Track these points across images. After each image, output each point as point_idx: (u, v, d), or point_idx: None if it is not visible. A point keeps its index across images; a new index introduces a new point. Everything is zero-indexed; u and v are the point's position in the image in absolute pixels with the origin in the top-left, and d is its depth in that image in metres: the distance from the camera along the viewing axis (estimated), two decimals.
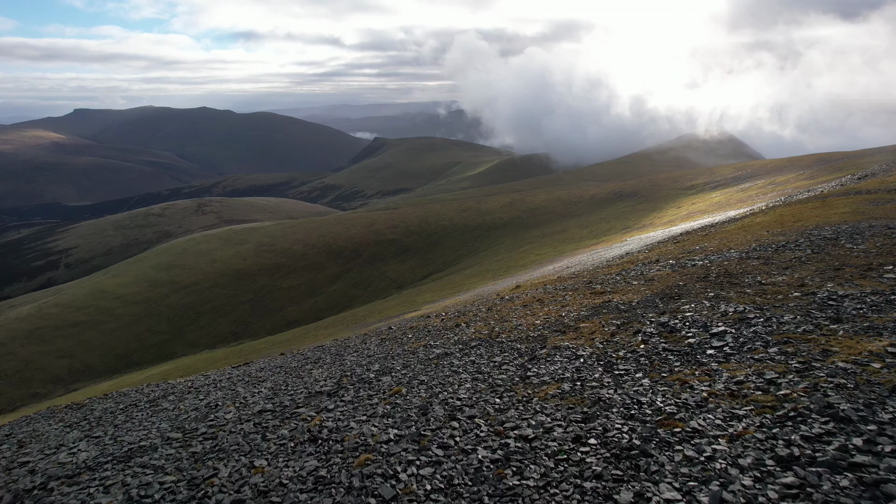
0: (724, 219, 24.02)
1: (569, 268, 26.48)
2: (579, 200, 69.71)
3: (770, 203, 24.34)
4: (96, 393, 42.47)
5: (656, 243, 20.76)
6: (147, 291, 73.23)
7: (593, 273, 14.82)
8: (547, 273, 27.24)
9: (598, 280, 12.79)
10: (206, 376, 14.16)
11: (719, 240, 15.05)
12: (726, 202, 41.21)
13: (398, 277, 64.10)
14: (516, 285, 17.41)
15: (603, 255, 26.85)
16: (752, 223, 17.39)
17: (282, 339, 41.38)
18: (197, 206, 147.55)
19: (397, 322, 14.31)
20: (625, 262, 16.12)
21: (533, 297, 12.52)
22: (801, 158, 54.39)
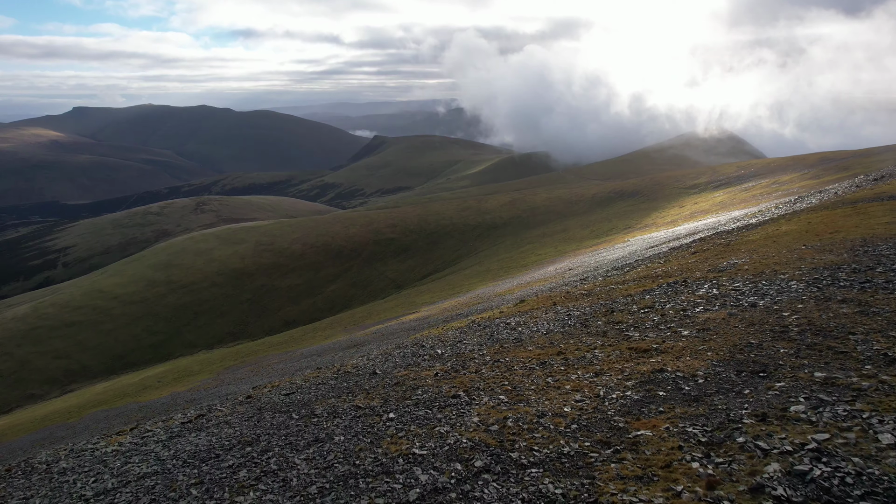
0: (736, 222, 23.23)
1: (571, 270, 25.94)
2: (580, 199, 69.12)
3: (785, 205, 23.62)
4: (92, 394, 41.95)
5: (669, 250, 18.89)
6: (144, 291, 72.64)
7: (611, 295, 12.28)
8: (549, 275, 26.71)
9: (625, 311, 10.26)
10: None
11: (751, 255, 13.01)
12: (730, 202, 40.65)
13: (397, 277, 63.54)
14: (521, 300, 15.49)
15: (606, 257, 26.32)
16: (778, 232, 15.67)
17: (279, 340, 40.86)
18: (196, 205, 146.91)
19: (379, 355, 11.39)
20: (643, 277, 13.94)
21: (548, 335, 9.76)
22: (805, 157, 53.81)
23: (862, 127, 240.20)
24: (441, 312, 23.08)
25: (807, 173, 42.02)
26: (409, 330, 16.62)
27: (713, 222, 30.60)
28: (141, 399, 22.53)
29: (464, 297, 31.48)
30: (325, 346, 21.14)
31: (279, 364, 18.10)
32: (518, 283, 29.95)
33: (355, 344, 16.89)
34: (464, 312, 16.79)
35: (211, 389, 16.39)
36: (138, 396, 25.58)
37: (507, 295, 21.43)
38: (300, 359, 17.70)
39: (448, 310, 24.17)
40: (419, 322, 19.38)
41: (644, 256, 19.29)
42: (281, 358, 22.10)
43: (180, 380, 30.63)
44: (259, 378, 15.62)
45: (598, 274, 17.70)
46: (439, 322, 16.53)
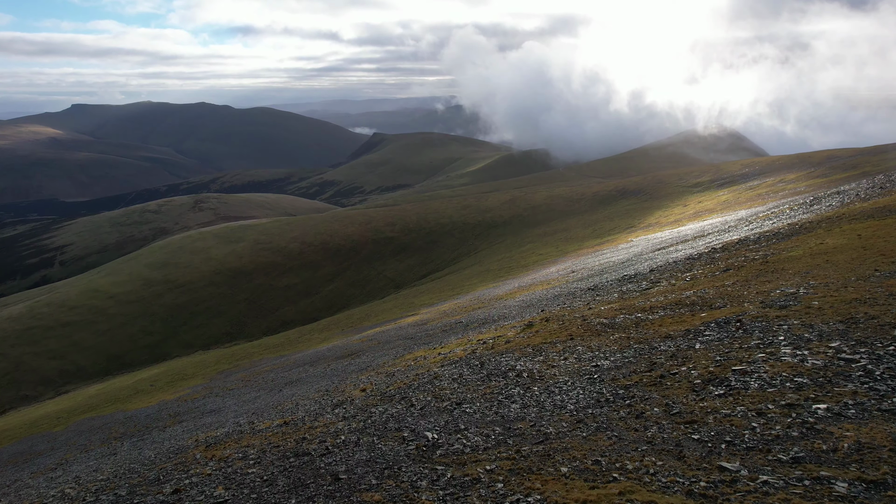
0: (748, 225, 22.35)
1: (574, 272, 25.15)
2: (581, 198, 68.29)
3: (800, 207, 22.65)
4: (85, 396, 41.20)
5: (686, 259, 16.99)
6: (141, 290, 71.88)
7: (642, 332, 9.60)
8: (551, 277, 25.91)
9: (680, 380, 7.33)
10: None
11: (806, 280, 10.35)
12: (735, 201, 39.88)
13: (396, 277, 62.77)
14: (528, 324, 12.85)
15: (611, 259, 25.52)
16: (826, 248, 12.83)
17: (275, 342, 40.10)
18: (194, 203, 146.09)
19: (343, 428, 8.18)
20: (674, 304, 11.00)
21: (583, 426, 6.73)
22: (811, 155, 52.98)
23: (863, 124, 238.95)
24: (440, 317, 22.31)
25: (813, 171, 41.22)
26: (405, 339, 15.80)
27: (720, 222, 29.83)
28: (129, 406, 21.78)
29: (463, 298, 30.73)
30: (320, 352, 20.39)
31: (270, 373, 17.31)
32: (519, 284, 29.20)
33: (350, 353, 16.09)
34: (463, 321, 15.94)
35: (198, 401, 15.60)
36: (127, 403, 24.84)
37: (508, 300, 20.64)
38: (293, 367, 16.91)
39: (447, 313, 23.41)
40: (416, 329, 18.58)
41: (657, 264, 17.40)
42: (274, 364, 21.34)
43: (173, 384, 29.89)
44: (248, 390, 14.81)
45: (609, 284, 15.97)
46: (436, 332, 15.69)
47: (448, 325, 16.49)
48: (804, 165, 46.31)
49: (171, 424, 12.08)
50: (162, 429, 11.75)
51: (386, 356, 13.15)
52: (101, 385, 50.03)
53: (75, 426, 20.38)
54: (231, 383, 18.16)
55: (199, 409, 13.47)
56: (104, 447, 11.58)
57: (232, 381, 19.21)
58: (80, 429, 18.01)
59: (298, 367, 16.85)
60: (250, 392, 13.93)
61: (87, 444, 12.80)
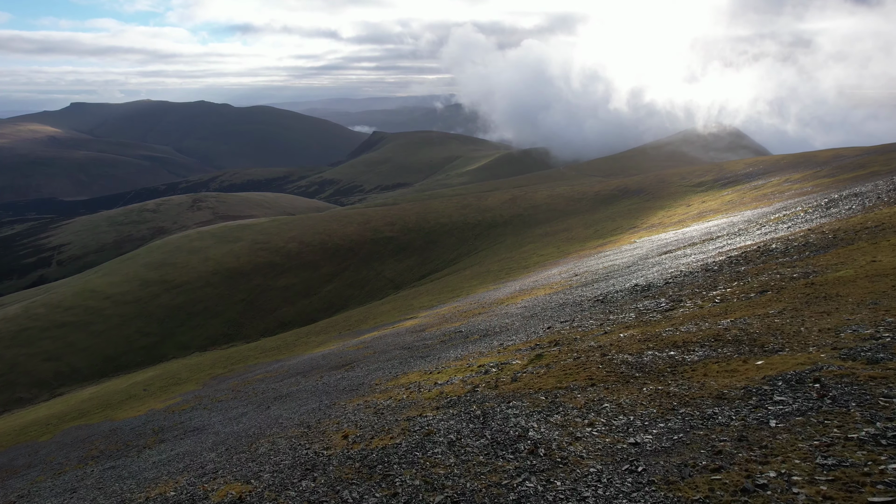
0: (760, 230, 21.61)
1: (577, 276, 24.45)
2: (583, 197, 67.57)
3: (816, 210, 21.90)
4: (78, 400, 40.54)
5: (702, 269, 15.37)
6: (137, 291, 71.20)
7: (683, 383, 7.57)
8: (553, 280, 25.21)
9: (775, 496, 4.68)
10: None
11: (878, 316, 8.21)
12: (739, 201, 39.18)
13: (395, 277, 62.07)
14: (537, 354, 10.74)
15: (615, 262, 24.82)
16: (882, 268, 10.63)
17: (272, 345, 39.42)
18: (192, 202, 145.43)
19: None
20: (711, 338, 9.05)
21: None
22: (815, 154, 52.27)
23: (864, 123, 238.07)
24: (438, 322, 21.64)
25: (819, 171, 40.51)
26: (402, 349, 15.09)
27: (726, 223, 29.14)
28: (118, 415, 21.12)
29: (463, 301, 30.07)
30: (315, 359, 19.74)
31: (262, 383, 16.63)
32: (520, 287, 28.53)
33: (344, 363, 15.40)
34: (462, 329, 15.24)
35: (185, 414, 14.92)
36: (118, 410, 24.20)
37: (509, 305, 19.95)
38: (285, 377, 16.23)
39: (446, 318, 22.76)
40: (414, 337, 17.87)
41: (671, 274, 15.84)
42: (267, 371, 20.66)
43: (166, 389, 29.25)
44: (236, 403, 14.11)
45: (621, 296, 14.50)
46: (434, 343, 14.98)
47: (447, 333, 15.81)
48: (809, 165, 45.59)
49: (150, 444, 11.41)
50: (140, 450, 11.08)
51: (380, 371, 12.45)
52: (95, 388, 49.37)
53: (61, 436, 19.73)
54: (221, 392, 17.48)
55: (183, 425, 12.79)
56: (78, 469, 10.95)
57: (223, 390, 18.54)
58: (65, 440, 17.35)
59: (291, 376, 16.17)
60: (238, 406, 13.25)
61: (63, 464, 12.15)
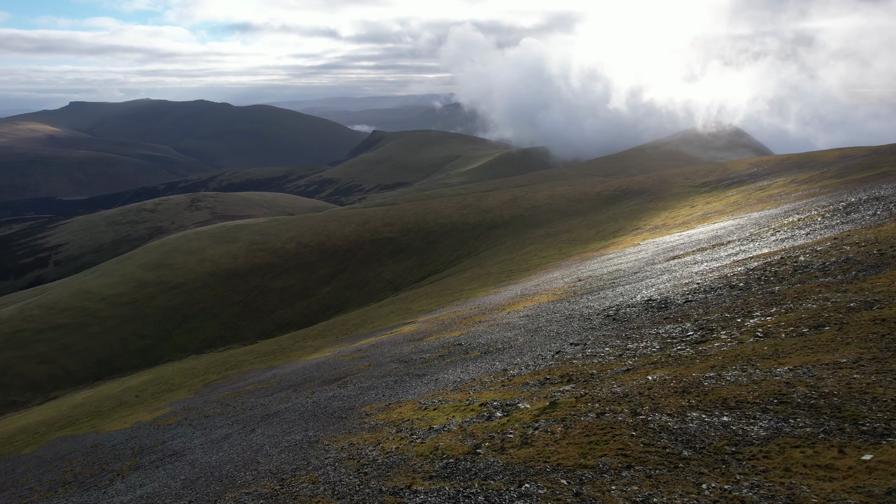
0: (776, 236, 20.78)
1: (580, 280, 23.66)
2: (584, 198, 66.74)
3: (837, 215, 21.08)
4: (70, 406, 39.78)
5: (724, 286, 13.16)
6: (134, 292, 70.43)
7: (739, 478, 5.52)
8: (556, 286, 24.41)
9: None
10: None
11: None
12: (745, 202, 38.37)
13: (394, 278, 61.27)
14: (551, 402, 8.54)
15: (619, 266, 24.01)
16: None
17: (267, 349, 38.65)
18: (190, 202, 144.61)
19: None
20: (772, 394, 6.89)
21: None
22: (821, 154, 51.44)
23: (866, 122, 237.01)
24: (437, 330, 20.86)
25: (826, 171, 39.68)
26: (398, 361, 14.28)
27: (733, 225, 28.34)
28: (104, 426, 20.33)
29: (463, 306, 29.28)
30: (309, 368, 18.96)
31: (252, 396, 15.83)
32: (522, 291, 27.74)
33: (337, 376, 14.61)
34: (462, 342, 14.42)
35: (170, 431, 14.13)
36: (106, 420, 23.43)
37: (510, 312, 19.16)
38: (275, 391, 15.45)
39: (445, 325, 21.99)
40: (411, 348, 17.07)
41: (688, 288, 13.78)
42: (260, 381, 19.86)
43: (158, 396, 28.50)
44: (222, 422, 13.31)
45: (635, 313, 12.64)
46: (432, 358, 14.17)
47: (445, 345, 15.03)
48: (815, 165, 44.78)
49: (125, 471, 10.63)
50: (112, 478, 10.29)
51: (373, 391, 11.66)
52: (89, 392, 48.62)
53: (45, 448, 18.98)
54: (210, 405, 16.70)
55: (164, 447, 12.00)
56: (44, 500, 10.18)
57: (213, 401, 17.77)
58: (46, 455, 16.59)
59: (282, 390, 15.38)
60: (223, 426, 12.46)
61: (33, 490, 11.37)
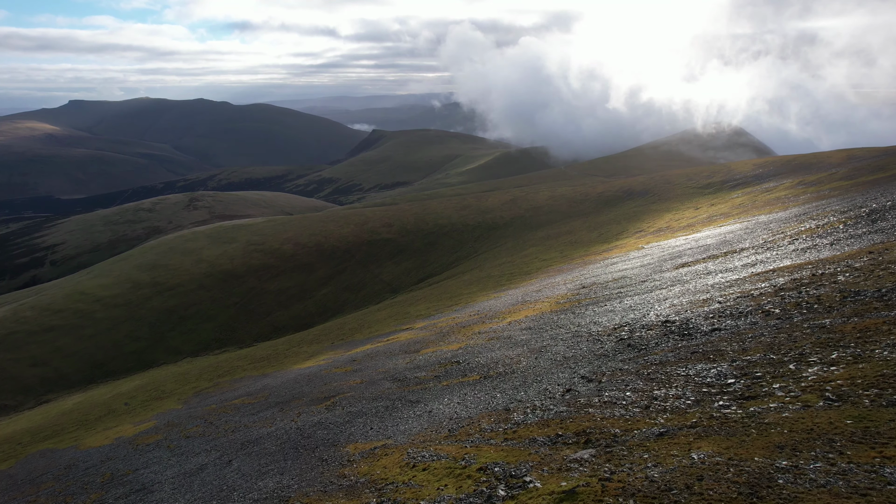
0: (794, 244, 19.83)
1: (585, 287, 22.72)
2: (585, 198, 65.79)
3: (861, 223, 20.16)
4: (59, 412, 38.89)
5: (755, 308, 11.34)
6: (129, 294, 69.47)
7: None
8: (559, 293, 23.49)
9: None
10: None
11: None
12: (751, 204, 37.44)
13: (392, 280, 60.34)
14: (568, 490, 5.97)
15: (625, 272, 23.09)
16: None
17: (262, 353, 37.71)
18: (188, 201, 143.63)
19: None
20: None
21: None
22: (829, 155, 50.51)
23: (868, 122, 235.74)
24: (435, 340, 19.94)
25: (834, 173, 38.76)
26: (391, 380, 13.35)
27: (740, 229, 27.42)
28: (87, 439, 19.43)
29: (461, 312, 28.38)
30: (300, 382, 18.05)
31: (237, 413, 14.92)
32: (523, 297, 26.83)
33: (326, 395, 13.69)
34: (460, 360, 13.45)
35: (146, 454, 13.21)
36: (90, 431, 22.53)
37: (511, 323, 18.23)
38: (262, 409, 14.53)
39: (443, 335, 21.08)
40: (406, 362, 16.14)
41: (713, 309, 11.90)
42: (248, 393, 18.94)
43: (147, 404, 27.65)
44: (201, 446, 12.38)
45: (653, 340, 10.56)
46: (427, 378, 13.24)
47: (442, 361, 14.11)
48: (823, 166, 43.86)
49: None
50: None
51: (360, 420, 10.72)
52: (81, 396, 47.72)
53: (21, 465, 18.08)
54: (194, 422, 15.80)
55: (134, 480, 11.06)
56: None
57: (197, 417, 16.86)
58: (19, 474, 15.70)
59: (268, 408, 14.46)
60: (201, 453, 11.55)
61: None
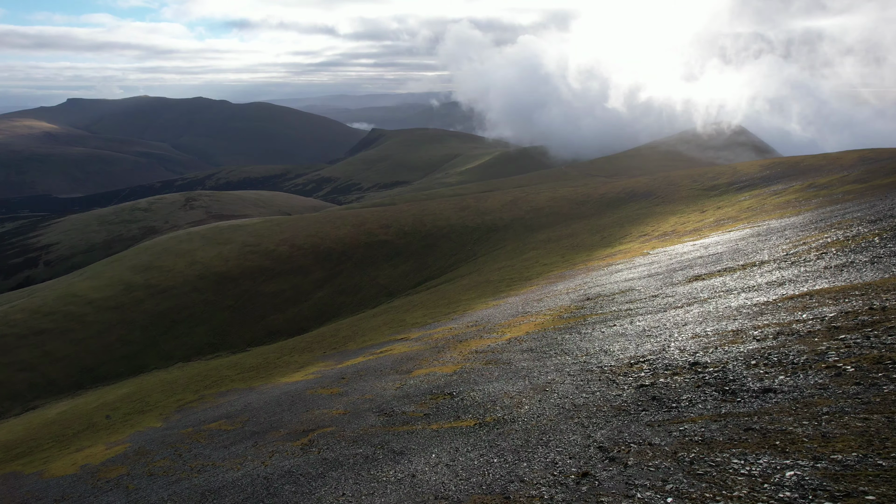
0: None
1: (590, 300, 21.36)
2: (587, 200, 64.41)
3: None
4: (42, 422, 37.53)
5: (792, 340, 10.05)
6: (121, 296, 68.13)
7: None
8: (562, 303, 22.11)
9: None
10: None
11: None
12: (760, 208, 36.06)
13: (389, 284, 58.98)
14: None
15: (633, 282, 21.71)
16: None
17: (253, 362, 36.31)
18: (185, 201, 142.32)
19: None
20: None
21: None
22: (839, 156, 49.12)
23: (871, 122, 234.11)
24: (429, 357, 18.58)
25: (847, 175, 37.37)
26: (377, 413, 11.97)
27: (752, 235, 26.05)
28: (54, 464, 18.06)
29: (459, 322, 27.00)
30: (283, 405, 16.71)
31: (207, 447, 13.54)
32: (523, 306, 25.45)
33: (306, 429, 12.33)
34: (454, 393, 12.03)
35: (105, 493, 11.88)
36: (63, 451, 21.14)
37: (510, 341, 16.87)
38: (235, 442, 13.16)
39: (438, 348, 19.72)
40: (397, 384, 14.79)
41: (752, 351, 10.67)
42: (227, 417, 17.59)
43: (128, 420, 26.27)
44: (162, 489, 11.05)
45: (688, 402, 8.39)
46: (417, 417, 11.87)
47: (434, 390, 12.76)
48: (834, 168, 42.50)
49: None
50: None
51: (333, 476, 9.31)
52: (67, 403, 46.36)
53: None
54: (163, 453, 14.46)
55: None
56: None
57: (170, 444, 15.52)
58: None
59: (244, 440, 13.11)
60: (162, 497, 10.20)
61: None
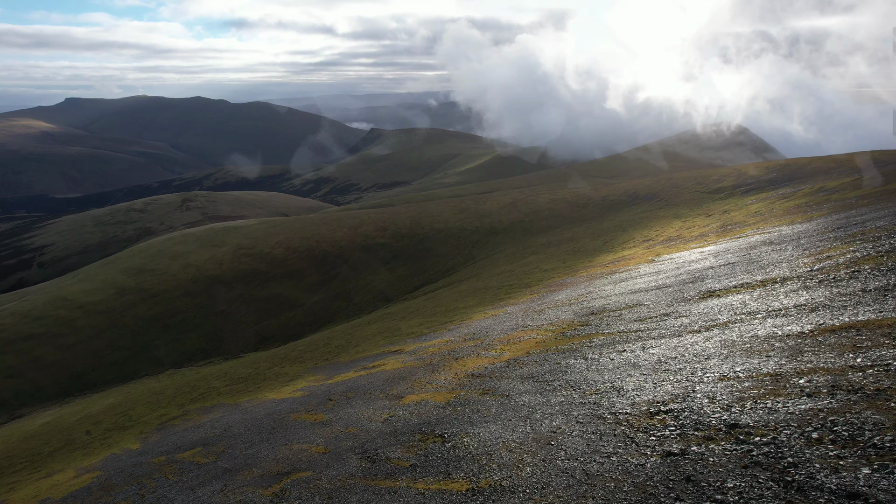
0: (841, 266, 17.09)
1: (595, 314, 20.04)
2: (588, 202, 63.13)
3: None
4: (22, 435, 36.21)
5: (862, 403, 9.35)
6: (112, 300, 66.85)
7: None
8: (564, 316, 20.78)
9: None
10: None
11: None
12: (769, 213, 34.74)
13: (386, 288, 57.69)
14: None
15: (640, 296, 20.39)
16: None
17: (242, 372, 34.96)
18: (181, 201, 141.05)
19: None
20: None
21: None
22: (849, 158, 47.85)
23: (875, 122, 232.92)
24: (423, 373, 17.25)
25: (859, 178, 36.08)
26: (360, 455, 10.70)
27: (762, 242, 24.71)
28: (19, 492, 16.75)
29: (455, 332, 25.65)
30: (261, 432, 15.43)
31: (171, 490, 12.28)
32: (523, 318, 24.08)
33: (282, 470, 11.08)
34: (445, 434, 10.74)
35: None
36: (32, 475, 19.81)
37: (509, 362, 15.56)
38: (207, 481, 11.90)
39: (433, 366, 18.37)
40: (386, 413, 13.51)
41: (804, 412, 6.86)
42: (205, 442, 16.30)
43: (105, 438, 24.94)
44: None
45: (732, 494, 7.00)
46: (402, 458, 10.57)
47: (425, 427, 11.49)
48: (844, 170, 41.27)
49: None
50: None
51: None
52: (53, 412, 45.03)
53: None
54: (128, 488, 13.16)
55: None
56: None
57: (137, 476, 14.22)
58: None
59: (212, 480, 11.83)
60: None
61: None
